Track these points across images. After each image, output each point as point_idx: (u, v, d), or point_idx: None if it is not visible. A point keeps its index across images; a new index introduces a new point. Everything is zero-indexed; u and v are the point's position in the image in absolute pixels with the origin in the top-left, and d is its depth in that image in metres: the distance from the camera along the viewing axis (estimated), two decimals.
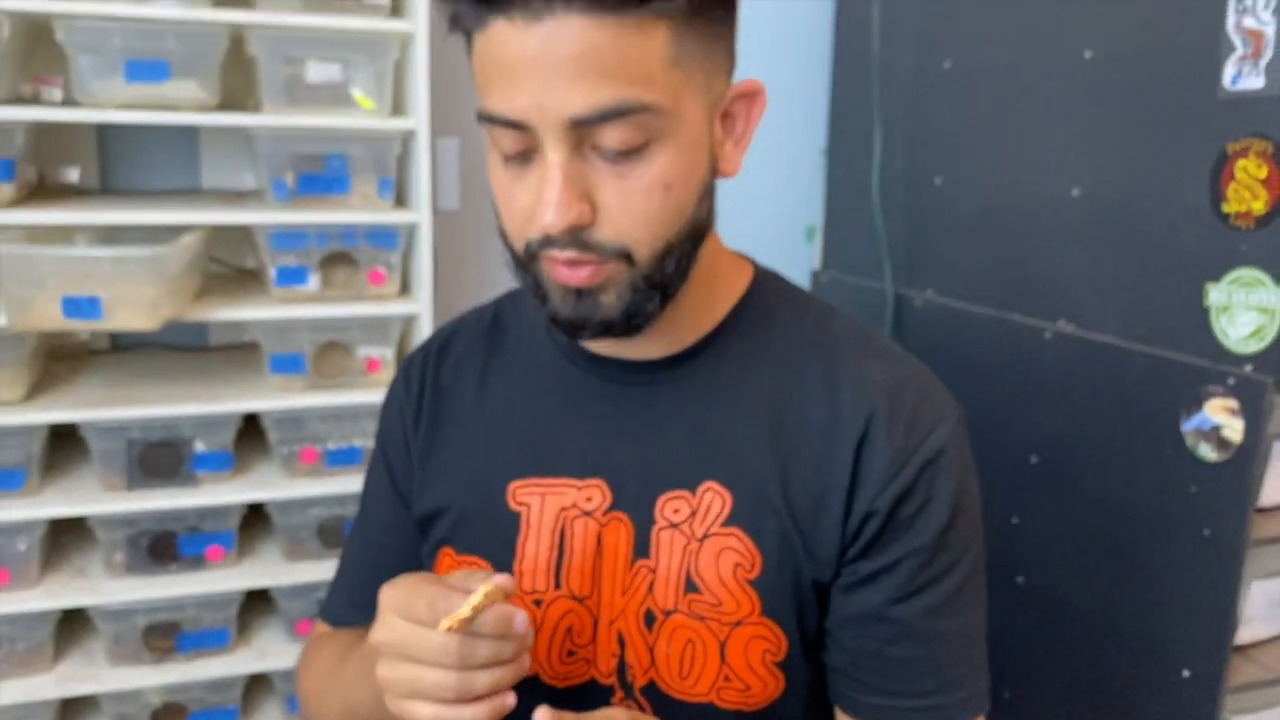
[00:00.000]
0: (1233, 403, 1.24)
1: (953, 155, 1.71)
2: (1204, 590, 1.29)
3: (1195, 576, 1.30)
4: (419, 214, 1.57)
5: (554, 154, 0.69)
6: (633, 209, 0.71)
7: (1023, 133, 1.56)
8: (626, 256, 0.72)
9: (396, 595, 0.69)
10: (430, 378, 0.93)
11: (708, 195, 0.77)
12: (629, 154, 0.70)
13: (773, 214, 2.16)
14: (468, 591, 0.68)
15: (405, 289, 1.65)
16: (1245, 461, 1.23)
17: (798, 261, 2.15)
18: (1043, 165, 1.53)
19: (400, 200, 1.64)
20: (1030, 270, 1.55)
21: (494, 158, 0.75)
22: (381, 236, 1.58)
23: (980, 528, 0.83)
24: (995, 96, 1.61)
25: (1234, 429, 1.24)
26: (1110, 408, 1.41)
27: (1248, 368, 1.23)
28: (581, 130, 0.69)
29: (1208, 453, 1.28)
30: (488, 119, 0.71)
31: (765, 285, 0.88)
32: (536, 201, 0.71)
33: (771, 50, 2.09)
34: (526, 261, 0.75)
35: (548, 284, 0.75)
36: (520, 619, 0.68)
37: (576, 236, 0.71)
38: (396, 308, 1.59)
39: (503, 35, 0.68)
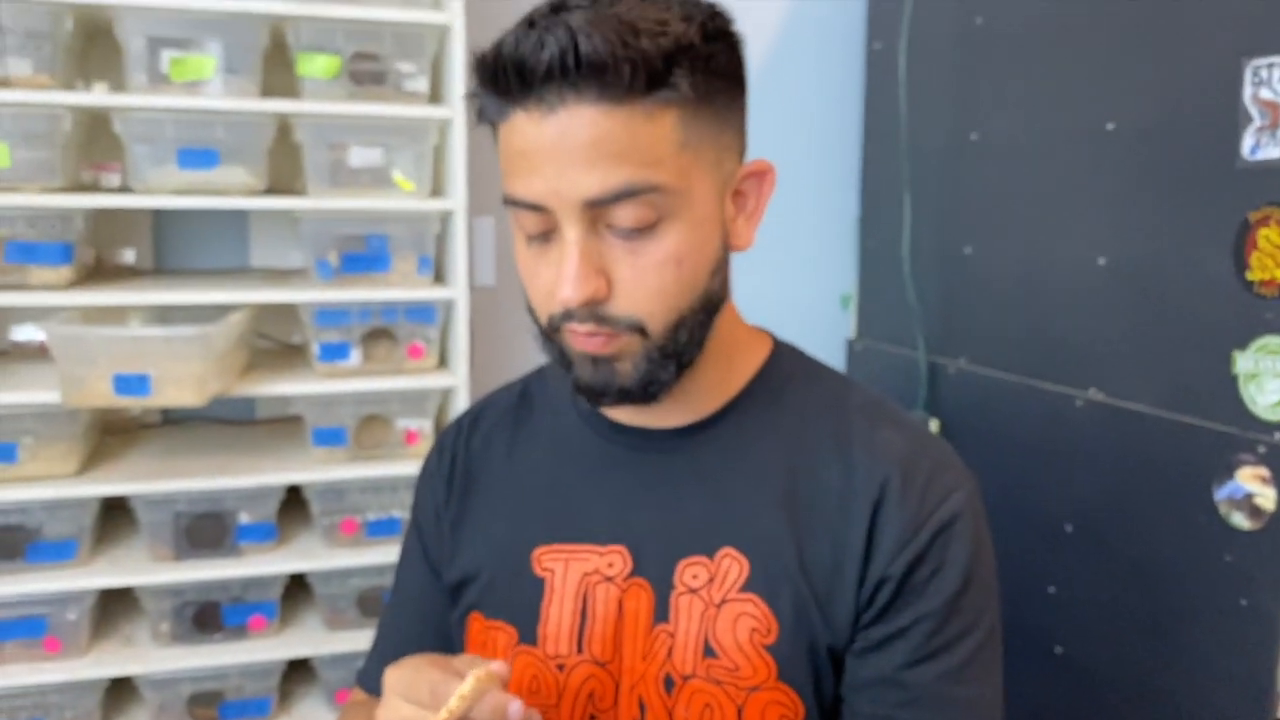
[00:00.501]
0: (1264, 471, 1.24)
1: (982, 225, 1.73)
2: (1243, 661, 1.27)
3: (1233, 647, 1.29)
4: (456, 290, 1.62)
5: (571, 232, 0.74)
6: (646, 284, 0.75)
7: (1049, 203, 1.58)
8: (640, 329, 0.76)
9: (401, 677, 0.71)
10: (461, 450, 0.97)
11: (720, 269, 0.81)
12: (641, 231, 0.74)
13: (808, 283, 2.19)
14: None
15: (443, 362, 1.70)
16: (1279, 530, 1.23)
17: (833, 330, 2.17)
18: (1069, 235, 1.54)
19: (438, 277, 1.69)
20: (1059, 338, 1.56)
21: (519, 238, 0.80)
22: (420, 312, 1.63)
23: (995, 598, 0.84)
24: (1021, 167, 1.64)
25: (1266, 497, 1.24)
26: (1142, 476, 1.41)
27: (1278, 435, 1.23)
28: (596, 210, 0.73)
29: (1241, 521, 1.27)
30: (511, 202, 0.76)
31: (782, 358, 0.91)
32: (556, 277, 0.75)
33: (804, 124, 2.14)
34: (551, 334, 0.80)
35: (571, 353, 0.79)
36: (514, 708, 0.69)
37: (593, 311, 0.75)
38: (435, 381, 1.63)
39: (522, 126, 0.73)
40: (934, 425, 1.81)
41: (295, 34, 1.53)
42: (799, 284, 2.18)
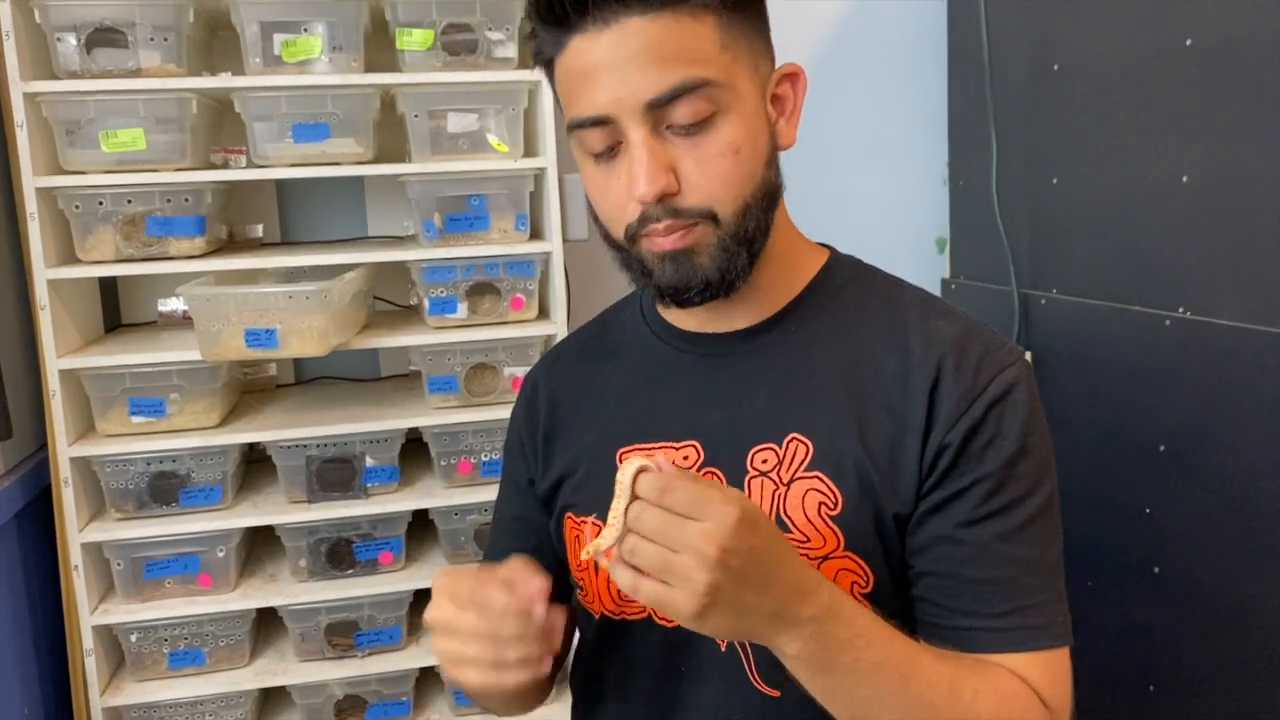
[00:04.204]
0: None
1: (1068, 155, 1.74)
2: None
3: None
4: (552, 244, 1.73)
5: (636, 134, 0.82)
6: (710, 173, 0.83)
7: (1131, 125, 1.58)
8: (712, 217, 0.84)
9: (446, 581, 0.82)
10: (546, 381, 1.07)
11: (772, 162, 0.88)
12: (699, 126, 0.82)
13: (905, 228, 2.23)
14: (506, 581, 0.81)
15: (543, 312, 1.81)
16: None
17: (931, 272, 2.20)
18: (1152, 156, 1.54)
19: (534, 233, 1.79)
20: (1146, 260, 1.57)
21: (586, 166, 0.88)
22: (520, 266, 1.74)
23: (1052, 472, 0.88)
24: (1104, 92, 1.64)
25: None
26: (1233, 392, 1.40)
27: None
28: (657, 111, 0.81)
29: None
30: (576, 125, 0.84)
31: (839, 264, 0.97)
32: (629, 181, 0.83)
33: (891, 69, 2.17)
34: (628, 246, 0.87)
35: (649, 259, 0.86)
36: (538, 611, 0.80)
37: (668, 205, 0.83)
38: (536, 330, 1.75)
39: (579, 47, 0.82)
40: (1027, 357, 1.82)
41: (393, 10, 1.65)
42: (895, 228, 2.22)
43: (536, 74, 1.65)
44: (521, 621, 0.80)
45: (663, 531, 0.69)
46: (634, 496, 0.72)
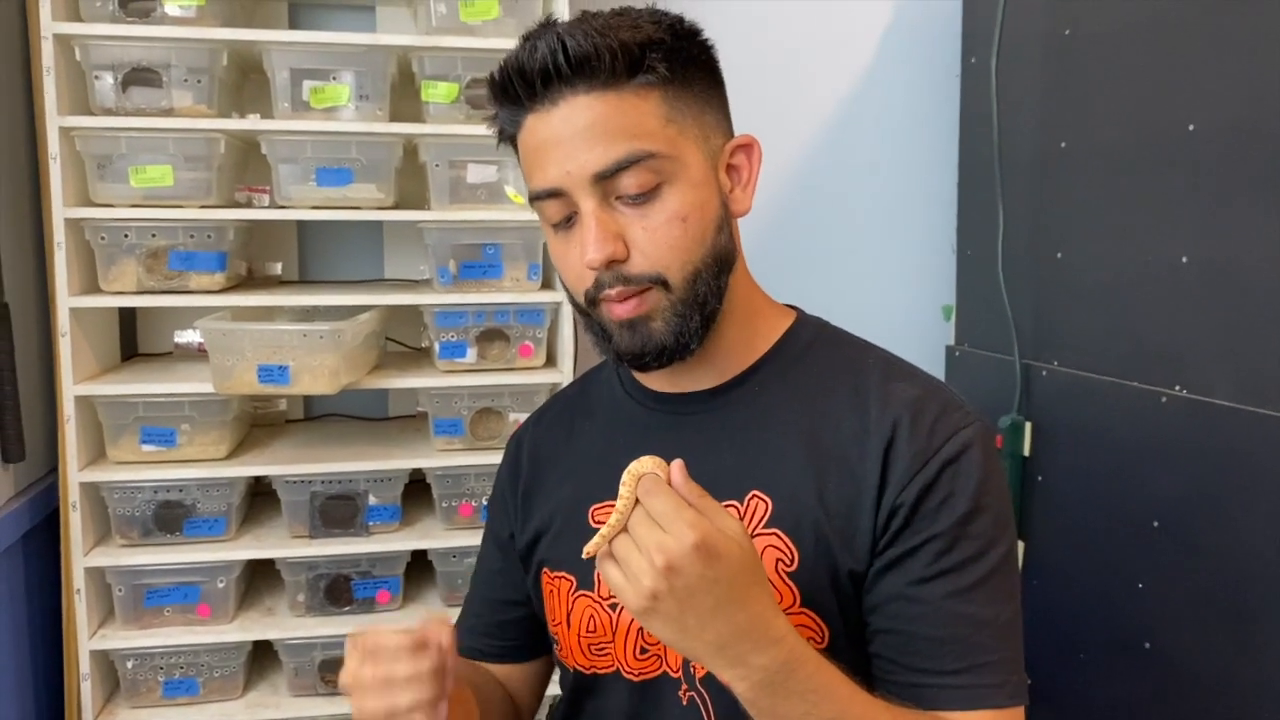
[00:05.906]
0: None
1: (1072, 230, 1.77)
2: None
3: None
4: (562, 294, 1.74)
5: (586, 205, 0.87)
6: (658, 241, 0.87)
7: (1135, 205, 1.61)
8: (663, 283, 0.88)
9: (350, 642, 0.85)
10: (529, 440, 1.11)
11: (723, 229, 0.92)
12: (646, 196, 0.87)
13: (912, 296, 2.26)
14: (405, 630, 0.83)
15: (550, 360, 1.84)
16: None
17: (936, 338, 2.22)
18: (1154, 235, 1.57)
19: (546, 282, 1.83)
20: (1146, 337, 1.59)
21: (549, 234, 0.93)
22: (530, 314, 1.78)
23: (1009, 532, 0.90)
24: (1108, 171, 1.67)
25: None
26: (1228, 471, 1.42)
27: None
28: (605, 183, 0.86)
29: None
30: (535, 197, 0.90)
31: (805, 326, 1.01)
32: (580, 250, 0.88)
33: (904, 140, 2.22)
34: (589, 310, 0.92)
35: (609, 325, 0.91)
36: (433, 639, 0.82)
37: (617, 272, 0.87)
38: (542, 377, 1.78)
39: (533, 126, 0.87)
40: (1027, 428, 1.84)
41: (420, 64, 1.70)
42: (902, 295, 2.26)
43: None
44: (413, 663, 0.81)
45: (634, 527, 0.74)
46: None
